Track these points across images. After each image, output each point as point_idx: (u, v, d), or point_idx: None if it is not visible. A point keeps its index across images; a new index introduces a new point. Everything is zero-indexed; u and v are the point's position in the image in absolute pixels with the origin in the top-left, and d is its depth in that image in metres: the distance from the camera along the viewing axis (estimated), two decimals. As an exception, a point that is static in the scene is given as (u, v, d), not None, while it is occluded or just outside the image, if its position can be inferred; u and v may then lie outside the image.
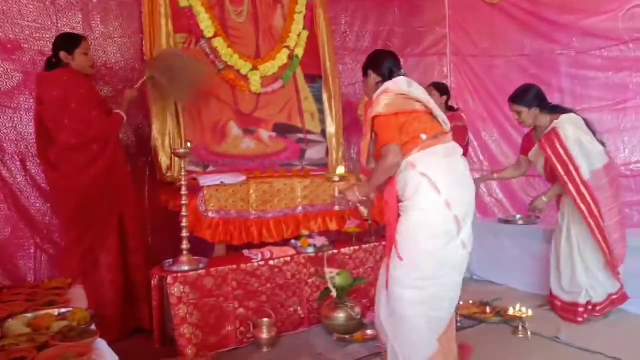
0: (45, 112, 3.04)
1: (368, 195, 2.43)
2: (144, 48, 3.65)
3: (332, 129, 4.30)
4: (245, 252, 3.28)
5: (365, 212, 3.10)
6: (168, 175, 3.52)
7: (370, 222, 3.64)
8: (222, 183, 3.35)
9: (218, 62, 3.82)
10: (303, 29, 4.22)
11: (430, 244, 2.22)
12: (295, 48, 4.17)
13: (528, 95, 3.37)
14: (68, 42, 3.13)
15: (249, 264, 3.11)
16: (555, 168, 3.22)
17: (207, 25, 3.76)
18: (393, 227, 2.31)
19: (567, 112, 3.34)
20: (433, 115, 2.41)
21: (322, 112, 4.30)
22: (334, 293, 3.09)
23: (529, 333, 3.03)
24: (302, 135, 4.17)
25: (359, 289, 3.43)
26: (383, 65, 2.50)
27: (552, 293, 3.47)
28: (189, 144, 3.04)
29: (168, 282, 2.83)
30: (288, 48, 4.14)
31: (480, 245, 3.08)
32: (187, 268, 2.93)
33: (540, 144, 3.30)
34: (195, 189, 3.28)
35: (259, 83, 3.97)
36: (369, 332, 3.04)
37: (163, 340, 3.02)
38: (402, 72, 2.52)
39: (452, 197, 2.22)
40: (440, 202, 2.20)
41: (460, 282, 2.36)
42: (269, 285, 3.16)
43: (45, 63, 3.16)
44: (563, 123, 3.23)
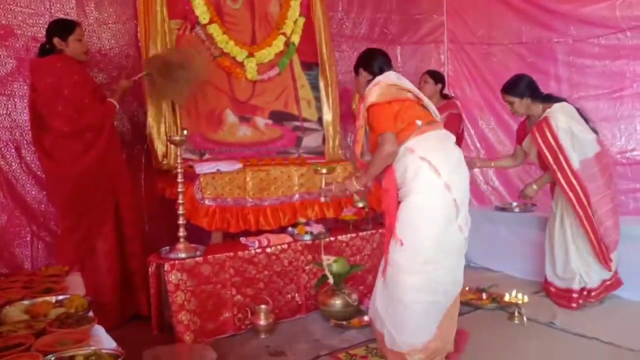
0: (39, 99, 3.01)
1: (366, 185, 2.45)
2: (139, 34, 3.62)
3: (328, 117, 4.28)
4: (242, 239, 3.28)
5: (361, 201, 3.12)
6: (164, 163, 3.51)
7: (367, 210, 3.65)
8: (218, 171, 3.35)
9: (213, 48, 3.79)
10: (299, 16, 4.18)
11: (431, 228, 2.23)
12: (292, 35, 4.14)
13: (520, 85, 3.37)
14: (62, 28, 3.09)
15: (246, 252, 3.11)
16: (545, 157, 3.24)
17: (202, 11, 3.73)
18: (393, 214, 2.32)
19: (559, 100, 3.34)
20: (424, 106, 2.45)
21: (318, 99, 4.28)
22: (331, 280, 3.11)
23: (525, 319, 3.05)
24: (298, 123, 4.15)
25: (356, 276, 3.44)
26: (374, 63, 2.55)
27: (546, 279, 3.50)
28: (185, 132, 3.03)
29: (165, 269, 2.83)
30: (284, 35, 4.10)
31: (477, 233, 3.10)
32: (184, 255, 2.93)
33: (532, 133, 3.31)
34: (192, 177, 3.27)
35: (255, 70, 3.94)
36: (366, 318, 3.05)
37: (161, 327, 3.03)
38: (392, 69, 2.56)
39: (452, 180, 2.24)
40: (441, 184, 2.22)
41: (460, 266, 2.38)
42: (266, 273, 3.16)
43: (39, 49, 3.12)
44: (555, 112, 3.24)
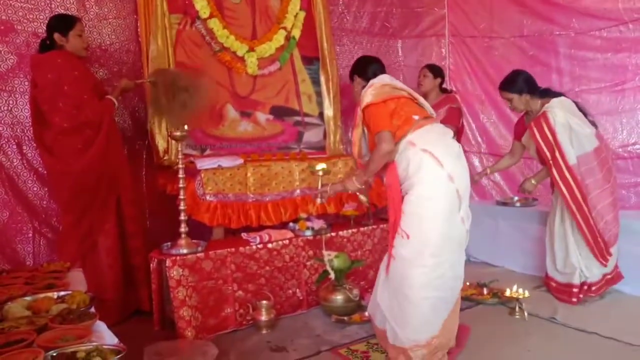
0: (40, 95, 3.01)
1: (366, 184, 2.53)
2: (139, 29, 3.61)
3: (329, 112, 4.27)
4: (244, 235, 3.28)
5: (365, 199, 3.14)
6: (165, 159, 3.51)
7: (369, 205, 3.64)
8: (219, 166, 3.34)
9: (214, 43, 3.78)
10: (300, 10, 4.16)
11: (436, 219, 2.25)
12: (292, 29, 4.12)
13: (517, 82, 3.36)
14: (62, 23, 3.08)
15: (248, 247, 3.12)
16: (543, 152, 3.24)
17: (202, 6, 3.71)
18: (397, 208, 2.33)
19: (557, 95, 3.33)
20: (419, 104, 2.51)
21: (319, 94, 4.27)
22: (332, 275, 3.11)
23: (526, 314, 3.06)
24: (299, 118, 4.14)
25: (357, 271, 3.45)
26: (368, 70, 2.66)
27: (547, 274, 3.50)
28: (186, 127, 3.02)
29: (167, 265, 2.84)
30: (285, 29, 4.08)
31: (478, 227, 3.09)
32: (185, 251, 2.93)
33: (530, 129, 3.31)
34: (193, 172, 3.27)
35: (256, 65, 3.93)
36: (367, 313, 3.06)
37: (162, 323, 3.04)
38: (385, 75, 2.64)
39: (454, 171, 2.28)
40: (444, 175, 2.25)
41: (461, 261, 2.39)
42: (268, 268, 3.17)
43: (39, 45, 3.12)
44: (553, 107, 3.23)
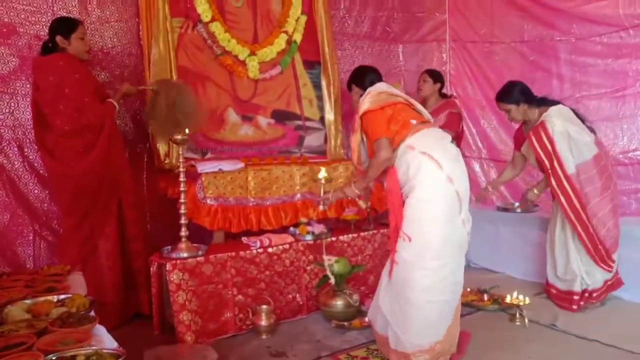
0: (41, 97, 3.02)
1: (366, 190, 2.58)
2: (141, 33, 3.61)
3: (330, 116, 4.27)
4: (244, 239, 3.28)
5: (364, 205, 3.14)
6: (166, 162, 3.51)
7: (369, 210, 3.64)
8: (220, 170, 3.35)
9: (215, 47, 3.79)
10: (301, 14, 4.16)
11: (437, 222, 2.26)
12: (294, 33, 4.13)
13: (514, 93, 3.38)
14: (64, 26, 3.09)
15: (248, 251, 3.11)
16: (542, 161, 3.24)
17: (204, 9, 3.72)
18: (398, 212, 2.34)
19: (554, 103, 3.34)
20: (416, 110, 2.54)
21: (320, 98, 4.27)
22: (333, 280, 3.10)
23: (526, 320, 3.05)
24: (300, 122, 4.15)
25: (357, 276, 3.44)
26: (365, 80, 2.70)
27: (548, 282, 3.48)
28: (187, 131, 3.02)
29: (167, 269, 2.84)
30: (286, 33, 4.09)
31: (478, 233, 3.10)
32: (186, 255, 2.93)
33: (528, 138, 3.32)
34: (194, 176, 3.27)
35: (257, 69, 3.94)
36: (367, 319, 3.05)
37: (162, 327, 3.03)
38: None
39: (453, 172, 2.30)
40: (443, 177, 2.27)
41: (461, 266, 2.39)
42: (268, 273, 3.16)
43: (41, 47, 3.13)
44: (551, 116, 3.23)
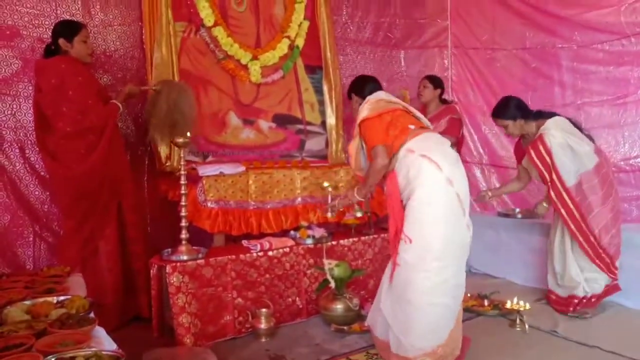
0: (43, 99, 3.02)
1: (366, 196, 2.62)
2: (144, 36, 3.63)
3: (332, 121, 4.28)
4: (244, 242, 3.28)
5: (362, 212, 3.16)
6: (167, 165, 3.51)
7: (370, 214, 3.64)
8: (221, 173, 3.35)
9: (218, 51, 3.80)
10: (304, 19, 4.18)
11: (438, 223, 2.27)
12: (296, 38, 4.15)
13: (509, 108, 3.38)
14: (67, 29, 3.11)
15: (248, 255, 3.11)
16: (542, 174, 3.24)
17: (207, 14, 3.74)
18: (398, 216, 2.35)
19: (551, 115, 3.33)
20: (414, 116, 2.58)
21: (322, 103, 4.28)
22: (333, 284, 3.10)
23: (527, 326, 3.04)
24: (301, 127, 4.15)
25: (357, 281, 3.44)
26: (365, 89, 2.76)
27: (549, 288, 3.48)
28: (189, 133, 3.03)
29: (167, 271, 2.83)
30: (289, 38, 4.11)
31: (479, 239, 3.09)
32: (186, 258, 2.93)
33: (527, 153, 3.32)
34: (195, 179, 3.27)
35: (259, 73, 3.95)
36: (367, 324, 3.04)
37: (161, 329, 3.03)
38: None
39: (453, 174, 2.31)
40: (443, 178, 2.28)
41: (463, 270, 2.39)
42: (268, 276, 3.16)
43: (44, 50, 3.15)
44: (549, 129, 3.23)
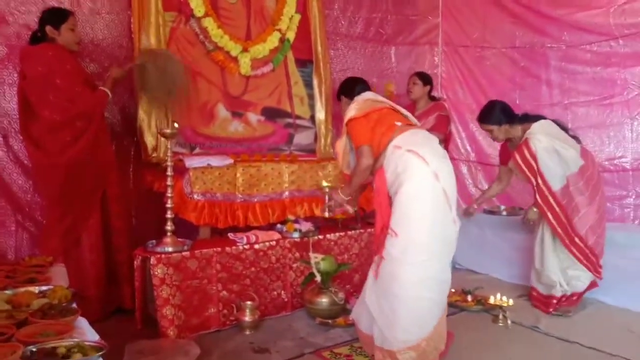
0: (29, 87, 2.98)
1: (351, 196, 2.65)
2: (132, 25, 3.57)
3: (321, 115, 4.26)
4: (230, 235, 3.27)
5: (351, 210, 3.16)
6: (153, 156, 3.47)
7: (357, 209, 3.64)
8: (208, 165, 3.33)
9: (207, 42, 3.76)
10: (295, 12, 4.15)
11: (424, 217, 2.27)
12: (287, 31, 4.12)
13: (494, 113, 3.40)
14: (55, 16, 3.06)
15: (234, 247, 3.11)
16: (527, 178, 3.26)
17: (197, 4, 3.69)
18: (385, 212, 2.35)
19: (537, 119, 3.34)
20: (402, 114, 2.60)
21: (311, 97, 4.26)
22: (318, 278, 3.11)
23: (509, 322, 3.08)
24: (290, 120, 4.14)
25: (343, 275, 3.45)
26: (353, 90, 2.80)
27: (531, 284, 3.51)
28: (176, 125, 3.00)
29: (151, 263, 2.81)
30: (279, 31, 4.08)
31: (464, 235, 3.08)
32: (171, 249, 2.91)
33: (513, 157, 3.33)
34: (181, 171, 3.25)
35: (249, 65, 3.92)
36: (351, 317, 3.05)
37: (145, 321, 3.01)
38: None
39: (439, 169, 2.32)
40: (430, 172, 2.29)
41: (449, 266, 2.40)
42: (253, 269, 3.16)
43: (30, 37, 3.10)
44: (535, 133, 3.24)
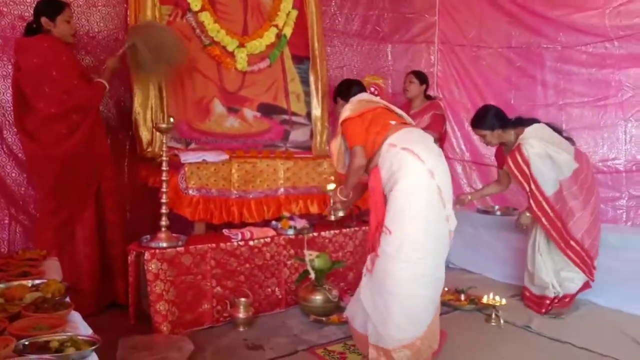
0: (24, 79, 2.95)
1: (348, 196, 2.67)
2: (128, 18, 3.55)
3: (317, 112, 4.25)
4: (225, 231, 3.26)
5: (341, 213, 3.16)
6: (149, 151, 3.46)
7: (351, 207, 3.65)
8: (204, 161, 3.31)
9: (204, 37, 3.74)
10: (292, 8, 4.14)
11: (418, 215, 2.28)
12: (284, 27, 4.10)
13: (487, 118, 3.40)
14: (50, 8, 3.03)
15: (229, 244, 3.10)
16: (520, 183, 3.27)
17: (194, -2, 3.68)
18: (379, 211, 2.36)
19: (531, 122, 3.34)
20: (396, 114, 2.61)
21: (308, 94, 4.25)
22: (313, 275, 3.11)
23: (502, 321, 3.09)
24: (286, 117, 4.13)
25: (337, 272, 3.45)
26: (350, 92, 2.83)
27: (524, 285, 3.53)
28: (172, 119, 2.99)
29: (145, 258, 2.80)
30: (276, 27, 4.06)
31: (458, 235, 3.08)
32: (165, 245, 2.90)
33: (506, 163, 3.33)
34: (176, 166, 3.23)
35: (245, 61, 3.90)
36: (345, 315, 3.06)
37: (138, 316, 3.00)
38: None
39: (435, 167, 2.33)
40: (425, 170, 2.30)
41: (443, 264, 2.40)
42: (248, 265, 3.15)
43: (25, 28, 3.07)
44: (528, 138, 3.24)
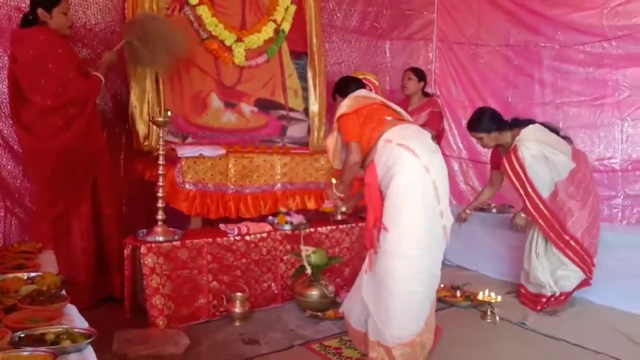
0: (20, 70, 2.93)
1: (345, 192, 2.68)
2: (126, 11, 3.52)
3: (315, 108, 4.24)
4: (222, 226, 3.26)
5: (344, 208, 3.17)
6: (145, 144, 3.44)
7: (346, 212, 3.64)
8: (201, 155, 3.30)
9: (202, 31, 3.72)
10: (291, 3, 4.12)
11: (414, 211, 2.28)
12: (282, 22, 4.09)
13: (483, 121, 3.40)
14: (47, -1, 3.01)
15: (225, 238, 3.09)
16: (515, 186, 3.27)
17: (192, -8, 3.66)
18: (376, 207, 2.35)
19: (527, 124, 3.33)
20: (393, 110, 2.61)
21: (305, 89, 4.24)
22: (309, 271, 3.11)
23: (497, 318, 3.10)
24: (284, 112, 4.12)
25: (334, 268, 3.45)
26: (348, 89, 2.85)
27: (520, 282, 3.54)
28: (169, 113, 2.98)
29: (141, 252, 2.80)
30: (274, 22, 4.05)
31: (454, 231, 3.11)
32: (161, 239, 2.89)
33: (502, 165, 3.33)
34: (173, 160, 3.22)
35: (243, 55, 3.89)
36: (341, 310, 3.06)
37: (134, 310, 2.99)
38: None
39: (430, 163, 2.33)
40: (420, 165, 2.30)
41: (440, 260, 2.41)
42: (244, 260, 3.15)
43: (21, 20, 3.04)
44: (523, 140, 3.23)
